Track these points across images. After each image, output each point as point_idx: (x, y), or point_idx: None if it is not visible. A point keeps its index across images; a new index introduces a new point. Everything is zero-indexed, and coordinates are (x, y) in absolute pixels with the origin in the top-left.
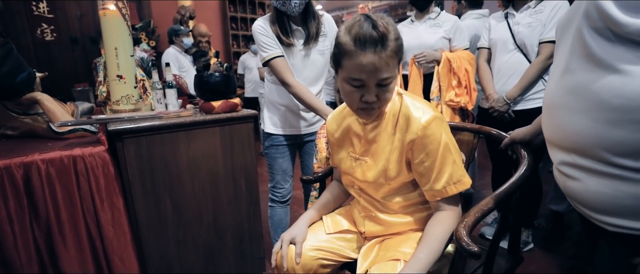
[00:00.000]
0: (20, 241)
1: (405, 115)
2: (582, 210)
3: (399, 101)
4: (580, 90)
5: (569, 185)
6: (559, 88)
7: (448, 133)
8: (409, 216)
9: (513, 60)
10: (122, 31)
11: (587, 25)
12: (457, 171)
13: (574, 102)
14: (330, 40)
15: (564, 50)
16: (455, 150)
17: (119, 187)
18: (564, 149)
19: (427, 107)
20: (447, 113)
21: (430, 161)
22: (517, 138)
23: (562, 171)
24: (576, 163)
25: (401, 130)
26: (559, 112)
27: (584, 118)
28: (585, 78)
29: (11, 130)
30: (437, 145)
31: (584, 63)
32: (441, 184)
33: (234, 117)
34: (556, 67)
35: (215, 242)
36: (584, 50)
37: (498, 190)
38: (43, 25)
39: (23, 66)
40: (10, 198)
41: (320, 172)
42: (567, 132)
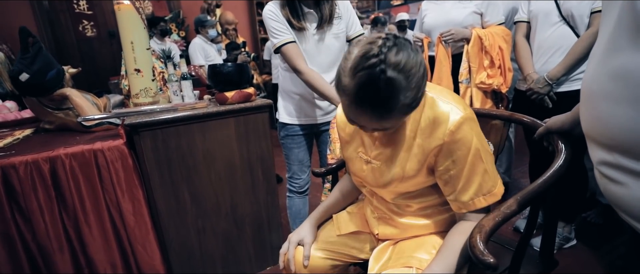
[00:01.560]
0: (51, 230)
1: (430, 117)
2: (627, 220)
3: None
4: (627, 75)
5: (610, 189)
6: (601, 72)
7: (480, 136)
8: (427, 219)
9: (557, 35)
10: (136, 25)
11: None
12: (488, 181)
13: (619, 90)
14: (345, 22)
15: (609, 23)
16: (487, 155)
17: (138, 178)
18: (604, 146)
19: (456, 103)
20: (478, 97)
21: (457, 170)
22: (554, 128)
23: (602, 172)
24: (620, 163)
25: (423, 134)
26: (600, 101)
27: (631, 110)
28: (634, 60)
29: (48, 124)
30: (466, 151)
31: (633, 40)
32: (468, 196)
33: (248, 107)
34: (598, 45)
35: (234, 231)
36: (635, 22)
37: (526, 189)
38: (84, 22)
39: (52, 64)
40: (40, 190)
41: (334, 164)
42: (609, 127)
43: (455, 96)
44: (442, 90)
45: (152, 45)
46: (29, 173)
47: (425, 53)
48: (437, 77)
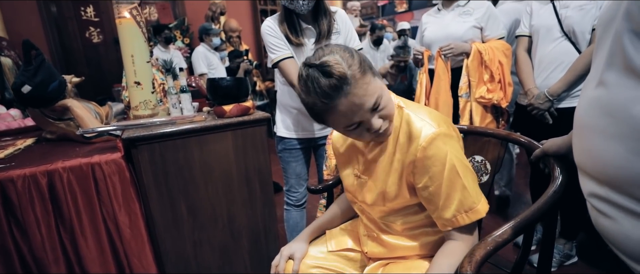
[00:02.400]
0: (47, 242)
1: (406, 131)
2: (618, 253)
3: (399, 115)
4: (616, 111)
5: (601, 222)
6: (592, 106)
7: (456, 151)
8: (414, 241)
9: (558, 50)
10: (137, 38)
11: (628, 29)
12: (469, 197)
13: (609, 126)
14: (343, 37)
15: (602, 57)
16: (465, 171)
17: (135, 192)
18: (595, 179)
19: (432, 119)
20: (478, 111)
21: (435, 186)
22: (550, 151)
23: (593, 204)
24: (610, 198)
25: (401, 149)
26: (591, 134)
27: (621, 147)
28: (623, 97)
29: (50, 134)
30: (441, 167)
31: (624, 78)
32: (450, 212)
33: (246, 121)
34: (591, 77)
35: (230, 243)
36: (624, 60)
37: (518, 216)
38: (90, 28)
39: (54, 75)
40: (37, 203)
41: (330, 180)
42: (600, 161)
43: (434, 113)
44: (420, 107)
45: (156, 52)
46: (27, 186)
47: (425, 67)
48: (435, 91)
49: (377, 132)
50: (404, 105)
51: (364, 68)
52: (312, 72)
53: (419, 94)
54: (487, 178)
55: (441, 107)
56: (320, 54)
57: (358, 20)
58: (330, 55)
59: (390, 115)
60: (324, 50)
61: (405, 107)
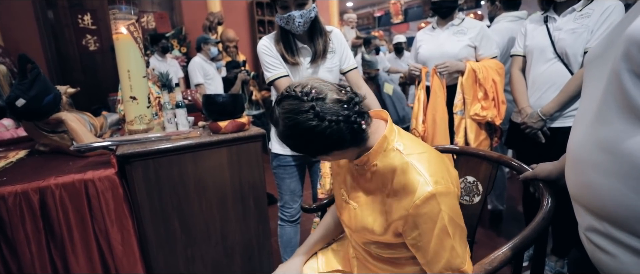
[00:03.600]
0: (37, 261)
1: (400, 182)
2: None
3: (396, 159)
4: (615, 149)
5: (600, 257)
6: (590, 141)
7: (449, 210)
8: (399, 269)
9: (551, 71)
10: (134, 54)
11: (627, 69)
12: (456, 258)
13: (608, 163)
14: (339, 56)
15: (596, 91)
16: (455, 230)
17: (128, 209)
18: (593, 214)
19: (430, 173)
20: (472, 128)
21: (424, 242)
22: (541, 176)
23: (591, 239)
24: (609, 233)
25: (394, 195)
26: (589, 170)
27: (621, 185)
28: (623, 136)
29: (43, 146)
30: (432, 225)
31: (623, 116)
32: (437, 268)
33: (241, 137)
34: (585, 109)
35: (223, 259)
36: (624, 99)
37: (506, 246)
38: (87, 36)
39: (49, 89)
40: (28, 221)
41: (325, 199)
42: (599, 197)
43: (434, 165)
44: (422, 154)
45: (153, 62)
46: (18, 203)
47: (423, 83)
48: (432, 107)
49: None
50: (404, 152)
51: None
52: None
53: (417, 110)
54: (479, 198)
55: (438, 123)
56: (291, 104)
57: (354, 31)
58: (288, 116)
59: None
60: (302, 99)
61: (405, 155)
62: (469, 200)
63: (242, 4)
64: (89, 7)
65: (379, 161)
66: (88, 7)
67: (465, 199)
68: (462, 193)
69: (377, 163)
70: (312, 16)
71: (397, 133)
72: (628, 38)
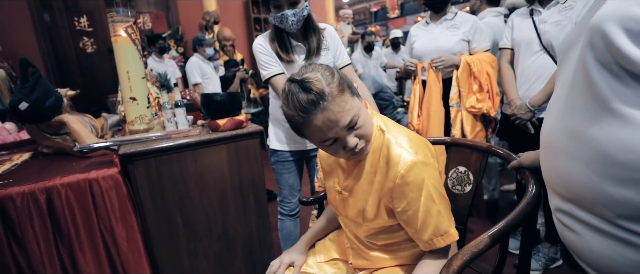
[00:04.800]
0: (46, 258)
1: (385, 156)
2: (582, 265)
3: (380, 138)
4: (580, 135)
5: (567, 235)
6: (558, 127)
7: (432, 179)
8: (392, 255)
9: (539, 63)
10: (133, 56)
11: (592, 56)
12: (443, 222)
13: (573, 148)
14: (332, 52)
15: (566, 81)
16: (440, 198)
17: (131, 206)
18: (561, 196)
19: (411, 146)
20: (468, 121)
21: (413, 211)
22: (526, 163)
23: (559, 219)
24: (574, 214)
25: (381, 172)
26: (557, 154)
27: (585, 168)
28: (586, 122)
29: (46, 148)
30: (418, 193)
31: (587, 103)
32: (427, 236)
33: (239, 134)
34: (556, 99)
35: (225, 253)
36: (588, 86)
37: (493, 229)
38: (84, 38)
39: (51, 92)
40: (36, 219)
41: (321, 192)
42: (566, 180)
43: (414, 140)
44: (402, 131)
45: (150, 62)
46: (26, 203)
47: (419, 78)
48: (427, 101)
49: (352, 150)
50: (385, 129)
51: (343, 87)
52: (293, 87)
53: (413, 104)
54: (471, 187)
55: (433, 117)
56: (303, 71)
57: (350, 27)
58: (312, 73)
59: (367, 134)
60: (308, 68)
61: (387, 132)
62: (460, 189)
63: (238, 2)
64: (84, 8)
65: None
66: (84, 8)
67: (457, 188)
68: (454, 182)
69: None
70: (305, 14)
71: (377, 115)
72: (591, 27)
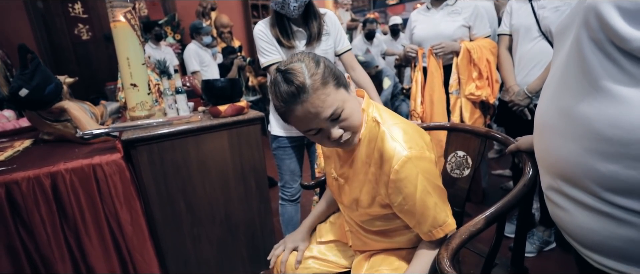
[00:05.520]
0: (53, 241)
1: (379, 149)
2: (570, 241)
3: (375, 129)
4: (571, 112)
5: (556, 212)
6: (550, 107)
7: (427, 172)
8: (389, 239)
9: (537, 49)
10: (132, 41)
11: (586, 36)
12: (441, 213)
13: (564, 126)
14: (333, 38)
15: (560, 62)
16: (435, 189)
17: (135, 191)
18: (551, 174)
19: (405, 140)
20: (467, 107)
21: (410, 205)
22: (523, 147)
23: (549, 197)
24: (563, 190)
25: (375, 164)
26: (549, 133)
27: (575, 145)
28: (577, 100)
29: (47, 135)
30: (413, 188)
31: (580, 82)
32: (426, 228)
33: (241, 120)
34: (551, 80)
35: (228, 238)
36: (581, 65)
37: (490, 209)
38: (79, 25)
39: (50, 78)
40: (41, 204)
41: (321, 176)
42: (556, 157)
43: (409, 132)
44: (397, 123)
45: (147, 50)
46: (31, 188)
47: (420, 65)
48: (430, 88)
49: (337, 141)
50: (380, 121)
51: (326, 79)
52: (278, 76)
53: (415, 91)
54: (469, 172)
55: (436, 103)
56: (289, 61)
57: (349, 14)
58: (296, 62)
59: (353, 126)
60: (294, 57)
61: (382, 124)
62: (459, 173)
63: None
64: None
65: (362, 134)
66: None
67: (456, 172)
68: (453, 167)
69: (361, 137)
70: (307, 0)
71: (374, 105)
72: (586, 6)
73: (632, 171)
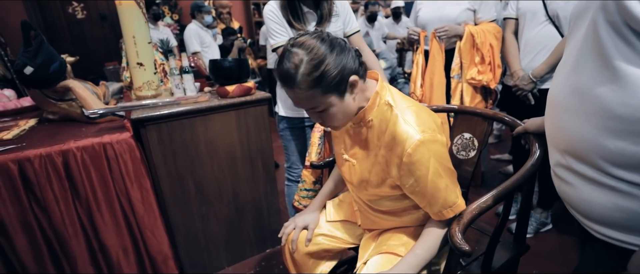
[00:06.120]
0: (66, 218)
1: (392, 133)
2: (575, 215)
3: (388, 112)
4: (584, 91)
5: (562, 188)
6: (565, 86)
7: (439, 155)
8: (399, 218)
9: (543, 34)
10: (138, 19)
11: (603, 18)
12: (451, 195)
13: (577, 104)
14: (342, 19)
15: (576, 43)
16: (446, 171)
17: (145, 169)
18: (560, 151)
19: (418, 123)
20: (468, 92)
21: (421, 187)
22: (531, 129)
23: (556, 173)
24: (571, 167)
25: (387, 147)
26: (562, 112)
27: (586, 122)
28: (591, 79)
29: (52, 114)
30: (425, 171)
31: (594, 62)
32: (437, 208)
33: (248, 101)
34: (565, 61)
35: (235, 217)
36: (597, 46)
37: (499, 186)
38: (74, 4)
39: (54, 57)
40: (54, 181)
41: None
42: (567, 135)
43: (421, 116)
44: (409, 107)
45: None
46: (44, 165)
47: (421, 47)
48: (430, 71)
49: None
50: (393, 104)
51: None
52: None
53: (415, 74)
54: (475, 153)
55: (436, 87)
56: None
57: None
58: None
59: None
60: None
61: (395, 107)
62: (465, 154)
63: None
64: None
65: (374, 116)
66: None
67: (462, 154)
68: (459, 148)
69: (372, 119)
70: None
71: (388, 89)
72: None
73: (638, 148)
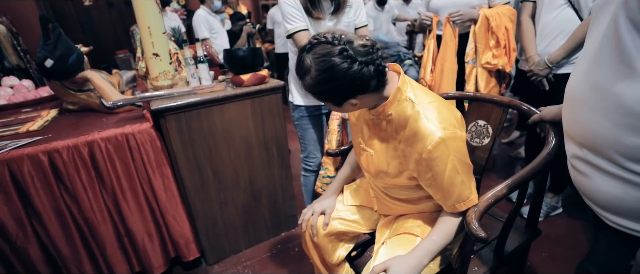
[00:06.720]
0: (94, 204)
1: (413, 128)
2: (592, 206)
3: (409, 108)
4: (603, 87)
5: (579, 179)
6: (583, 81)
7: (457, 152)
8: (414, 205)
9: (561, 18)
10: (153, 10)
11: (624, 16)
12: (465, 190)
13: (595, 99)
14: (354, 10)
15: (596, 38)
16: (463, 167)
17: (166, 158)
18: (578, 143)
19: (439, 120)
20: (483, 77)
21: (438, 182)
22: (547, 118)
23: (573, 165)
24: (588, 159)
25: (406, 141)
26: (580, 106)
27: (603, 118)
28: (610, 75)
29: (71, 105)
30: (443, 167)
31: (614, 59)
32: (450, 202)
33: (263, 89)
34: (585, 54)
35: (252, 202)
36: (617, 43)
37: (515, 175)
38: None
39: (72, 48)
40: (82, 171)
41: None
42: (584, 129)
43: (442, 113)
44: (431, 102)
45: None
46: (71, 156)
47: (434, 32)
48: (441, 57)
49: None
50: (415, 101)
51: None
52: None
53: (426, 60)
54: (489, 141)
55: (446, 73)
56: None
57: None
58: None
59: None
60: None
61: (417, 104)
62: (479, 141)
63: None
64: None
65: (393, 110)
66: None
67: (476, 141)
68: (473, 135)
69: (392, 113)
70: None
71: (409, 84)
72: None
73: None
